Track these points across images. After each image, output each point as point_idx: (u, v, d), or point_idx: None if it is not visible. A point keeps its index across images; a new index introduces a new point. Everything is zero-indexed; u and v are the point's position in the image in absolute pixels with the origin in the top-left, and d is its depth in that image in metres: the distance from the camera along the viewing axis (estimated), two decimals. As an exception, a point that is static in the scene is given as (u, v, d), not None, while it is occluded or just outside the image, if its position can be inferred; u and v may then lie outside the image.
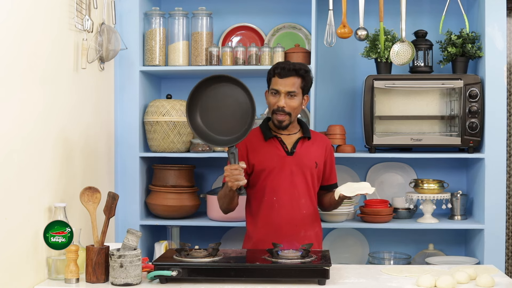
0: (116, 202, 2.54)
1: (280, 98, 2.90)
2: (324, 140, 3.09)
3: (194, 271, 2.40)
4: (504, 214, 3.50)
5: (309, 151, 2.98)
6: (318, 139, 3.06)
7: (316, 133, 3.13)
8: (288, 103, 2.90)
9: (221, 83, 2.80)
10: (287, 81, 2.90)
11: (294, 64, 2.93)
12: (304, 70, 2.92)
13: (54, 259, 2.53)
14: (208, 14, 3.70)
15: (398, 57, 3.48)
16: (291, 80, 2.90)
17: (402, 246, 3.88)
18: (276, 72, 2.92)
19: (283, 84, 2.90)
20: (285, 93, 2.90)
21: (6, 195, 2.29)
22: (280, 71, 2.90)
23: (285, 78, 2.90)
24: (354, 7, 3.48)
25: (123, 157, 3.60)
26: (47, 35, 2.66)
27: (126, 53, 3.53)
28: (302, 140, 2.99)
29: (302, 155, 2.96)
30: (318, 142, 3.04)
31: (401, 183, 3.91)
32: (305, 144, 2.99)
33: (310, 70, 2.97)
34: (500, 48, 3.49)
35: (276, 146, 2.96)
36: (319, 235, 3.04)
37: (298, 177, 2.94)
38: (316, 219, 3.03)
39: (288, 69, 2.90)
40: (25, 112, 2.44)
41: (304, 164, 2.95)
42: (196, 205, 3.72)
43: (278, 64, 2.95)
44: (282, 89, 2.90)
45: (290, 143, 2.98)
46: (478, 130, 3.49)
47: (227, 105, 2.82)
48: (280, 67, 2.92)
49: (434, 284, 2.36)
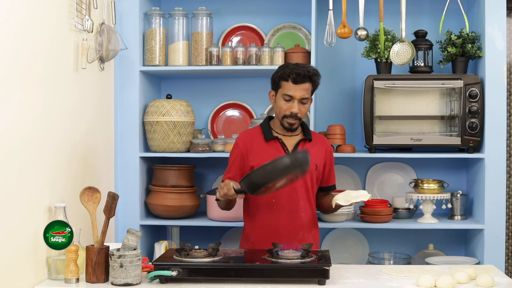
0: (116, 202, 2.54)
1: (293, 104, 2.85)
2: (324, 142, 3.07)
3: (194, 271, 2.40)
4: (504, 214, 3.50)
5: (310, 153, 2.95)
6: (319, 141, 3.04)
7: (316, 134, 3.11)
8: (300, 108, 2.87)
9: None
10: (301, 87, 2.84)
11: (308, 70, 2.86)
12: (317, 76, 2.89)
13: (54, 259, 2.53)
14: (208, 14, 3.70)
15: (398, 57, 3.48)
16: (305, 86, 2.85)
17: (402, 246, 3.88)
18: (290, 77, 2.84)
19: (297, 90, 2.84)
20: (299, 99, 2.85)
21: (6, 195, 2.29)
22: (296, 77, 2.83)
23: (300, 84, 2.84)
24: (354, 7, 3.48)
25: (123, 157, 3.60)
26: (47, 35, 2.65)
27: (126, 53, 3.53)
28: (303, 142, 2.98)
29: None
30: (318, 144, 3.01)
31: (401, 183, 3.91)
32: (306, 146, 2.96)
33: (320, 75, 2.93)
34: (500, 48, 3.49)
35: (277, 147, 2.94)
36: (317, 238, 3.03)
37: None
38: (314, 221, 3.02)
39: (304, 75, 2.83)
40: (25, 112, 2.44)
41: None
42: (196, 205, 3.72)
43: (291, 69, 2.86)
44: (297, 95, 2.85)
45: (291, 144, 2.96)
46: (478, 130, 3.49)
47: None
48: (295, 72, 2.83)
49: (434, 284, 2.36)
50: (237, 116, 3.99)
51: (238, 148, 2.97)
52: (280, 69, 2.91)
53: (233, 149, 3.01)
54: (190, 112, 3.66)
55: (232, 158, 2.98)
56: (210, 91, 3.99)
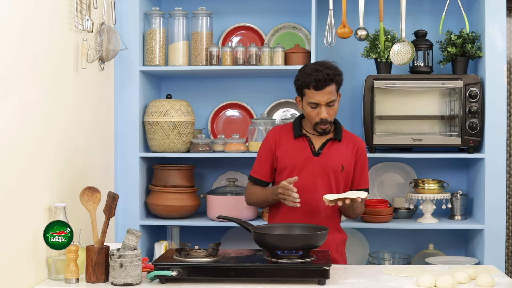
0: (116, 202, 2.54)
1: (321, 110, 2.81)
2: (356, 142, 2.97)
3: (194, 271, 2.40)
4: (504, 214, 3.50)
5: (337, 153, 2.90)
6: (350, 140, 2.96)
7: (351, 134, 3.02)
8: (329, 112, 2.82)
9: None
10: (325, 92, 2.78)
11: (327, 73, 2.77)
12: (339, 76, 2.83)
13: (54, 259, 2.53)
14: (208, 14, 3.70)
15: (398, 57, 3.48)
16: (329, 89, 2.79)
17: (402, 246, 3.88)
18: (311, 84, 2.77)
19: (321, 95, 2.78)
20: (325, 104, 2.81)
21: (6, 195, 2.29)
22: (317, 84, 2.76)
23: (323, 89, 2.78)
24: (354, 7, 3.48)
25: (123, 157, 3.60)
26: (47, 35, 2.65)
27: (126, 53, 3.53)
28: (332, 141, 2.92)
29: (328, 157, 2.89)
30: (349, 144, 2.94)
31: (401, 183, 3.91)
32: (334, 146, 2.92)
33: (342, 72, 2.87)
34: (500, 48, 3.49)
35: (304, 145, 2.91)
36: (338, 242, 2.95)
37: (320, 179, 2.87)
38: (336, 224, 2.96)
39: (324, 80, 2.76)
40: (24, 112, 2.44)
41: (329, 166, 2.87)
42: (196, 205, 3.72)
43: (311, 76, 2.78)
44: (322, 101, 2.79)
45: (319, 143, 2.92)
46: (478, 130, 3.49)
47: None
48: (315, 80, 2.76)
49: (434, 284, 2.36)
50: (237, 116, 3.99)
51: (268, 142, 2.96)
52: (300, 76, 2.84)
53: (263, 142, 3.00)
54: (190, 112, 3.67)
55: (262, 152, 2.98)
56: (210, 91, 3.99)
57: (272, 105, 3.95)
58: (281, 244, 2.50)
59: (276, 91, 3.93)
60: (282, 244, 2.50)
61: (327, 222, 2.89)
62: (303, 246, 2.49)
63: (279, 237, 2.55)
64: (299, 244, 2.49)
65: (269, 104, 3.94)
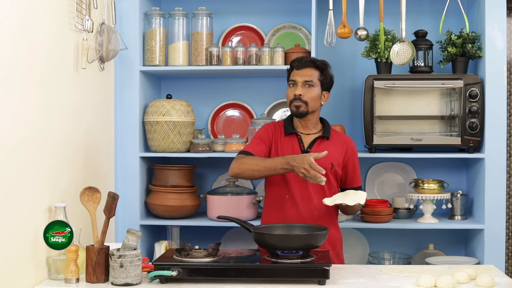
0: (116, 202, 2.54)
1: (297, 87, 2.90)
2: (345, 141, 3.01)
3: (194, 271, 2.40)
4: (504, 214, 3.50)
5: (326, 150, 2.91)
6: (339, 139, 3.00)
7: (340, 133, 3.06)
8: (305, 92, 2.90)
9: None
10: (303, 72, 2.92)
11: (312, 58, 2.97)
12: (321, 63, 2.95)
13: (54, 259, 2.53)
14: (208, 14, 3.70)
15: (398, 57, 3.48)
16: (308, 71, 2.92)
17: (402, 246, 3.88)
18: (293, 65, 2.95)
19: (299, 74, 2.92)
20: (302, 82, 2.90)
21: (6, 195, 2.29)
22: (297, 63, 2.94)
23: (302, 69, 2.92)
24: (354, 7, 3.48)
25: (123, 157, 3.60)
26: (47, 35, 2.65)
27: (126, 53, 3.53)
28: (321, 139, 2.96)
29: None
30: (338, 143, 2.98)
31: (401, 183, 3.91)
32: (323, 144, 2.95)
33: (329, 65, 2.98)
34: (500, 48, 3.49)
35: (294, 142, 2.95)
36: (334, 239, 2.96)
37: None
38: (331, 221, 2.96)
39: (305, 60, 2.93)
40: (25, 112, 2.44)
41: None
42: (196, 205, 3.72)
43: (295, 58, 2.98)
44: (299, 79, 2.91)
45: (308, 141, 2.96)
46: (478, 130, 3.49)
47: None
48: (297, 60, 2.95)
49: (434, 284, 2.36)
50: (237, 116, 3.99)
51: (269, 132, 2.98)
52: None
53: (263, 129, 3.01)
54: (190, 112, 3.67)
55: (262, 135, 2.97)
56: (210, 91, 3.99)
57: (272, 105, 3.95)
58: (281, 244, 2.51)
59: (276, 91, 3.93)
60: (282, 244, 2.51)
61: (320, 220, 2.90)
62: (303, 246, 2.49)
63: (279, 237, 2.55)
64: (299, 244, 2.50)
65: (269, 104, 3.94)
